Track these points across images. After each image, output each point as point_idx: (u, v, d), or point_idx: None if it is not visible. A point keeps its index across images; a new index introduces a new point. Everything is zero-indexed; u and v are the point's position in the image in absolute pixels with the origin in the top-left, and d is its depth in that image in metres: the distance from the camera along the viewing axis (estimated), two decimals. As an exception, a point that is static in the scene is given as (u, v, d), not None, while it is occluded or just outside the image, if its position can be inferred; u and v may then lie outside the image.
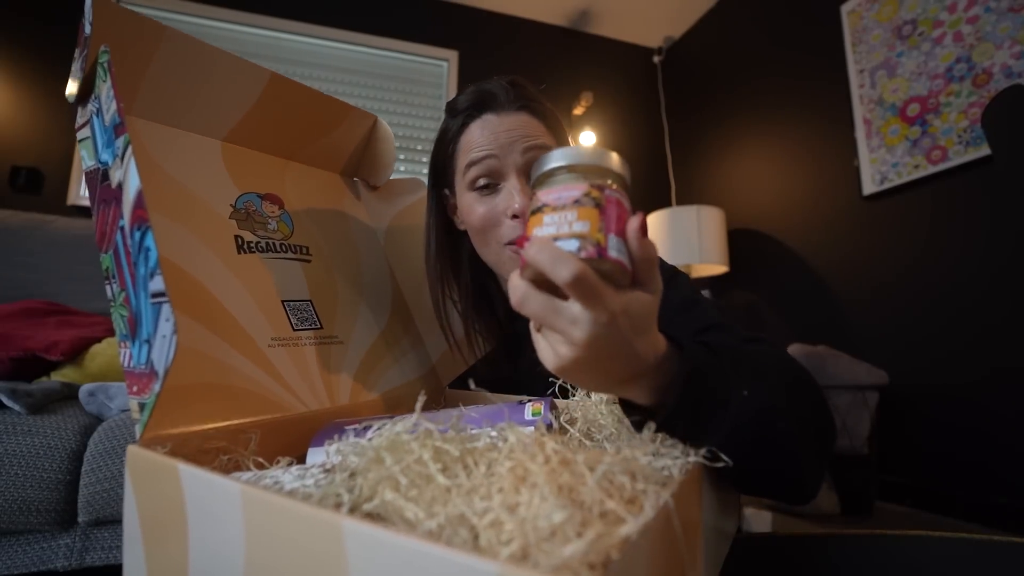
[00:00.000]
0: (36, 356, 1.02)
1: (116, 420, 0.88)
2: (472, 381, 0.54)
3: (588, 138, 2.49)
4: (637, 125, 2.70)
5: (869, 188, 1.66)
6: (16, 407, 0.85)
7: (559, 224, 0.27)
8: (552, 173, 0.30)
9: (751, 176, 2.22)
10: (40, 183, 1.81)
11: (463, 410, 0.43)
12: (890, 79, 1.62)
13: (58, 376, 1.03)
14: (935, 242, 1.48)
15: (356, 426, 0.36)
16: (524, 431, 0.27)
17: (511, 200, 0.54)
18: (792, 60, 2.04)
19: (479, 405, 0.46)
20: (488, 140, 0.55)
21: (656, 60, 2.79)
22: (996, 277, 1.33)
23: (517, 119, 0.56)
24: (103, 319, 1.25)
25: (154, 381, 0.34)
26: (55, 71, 1.85)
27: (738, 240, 2.20)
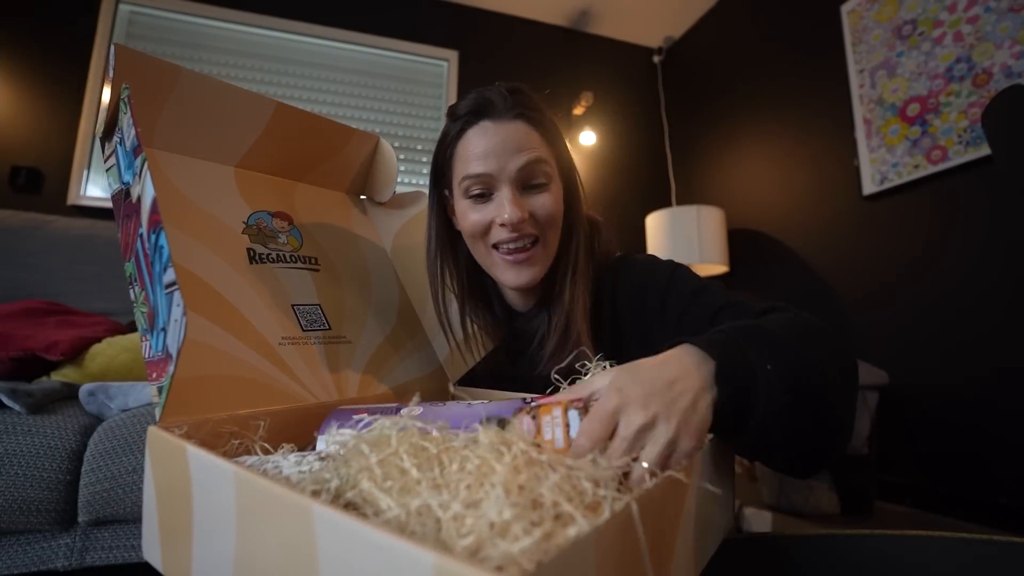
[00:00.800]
0: (36, 356, 1.02)
1: (116, 420, 0.88)
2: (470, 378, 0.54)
3: (588, 138, 2.50)
4: (637, 125, 2.70)
5: (869, 188, 1.66)
6: (16, 407, 0.85)
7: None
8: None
9: (751, 176, 2.22)
10: (40, 183, 1.81)
11: (471, 404, 0.44)
12: (890, 79, 1.62)
13: (58, 376, 1.03)
14: (935, 242, 1.48)
15: (364, 415, 0.39)
16: (498, 431, 0.29)
17: (502, 210, 0.57)
18: (792, 60, 2.04)
19: (486, 401, 0.46)
20: (482, 151, 0.57)
21: (656, 60, 2.79)
22: (996, 277, 1.33)
23: (512, 128, 0.57)
24: (103, 319, 1.25)
25: (169, 363, 0.38)
26: (55, 71, 1.85)
27: (738, 240, 2.20)
